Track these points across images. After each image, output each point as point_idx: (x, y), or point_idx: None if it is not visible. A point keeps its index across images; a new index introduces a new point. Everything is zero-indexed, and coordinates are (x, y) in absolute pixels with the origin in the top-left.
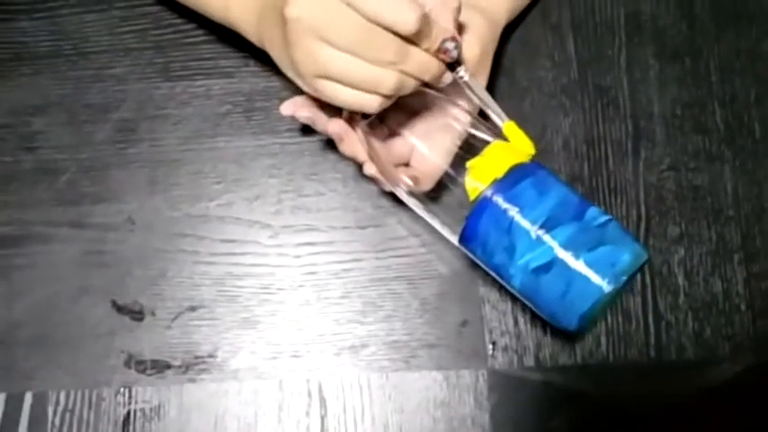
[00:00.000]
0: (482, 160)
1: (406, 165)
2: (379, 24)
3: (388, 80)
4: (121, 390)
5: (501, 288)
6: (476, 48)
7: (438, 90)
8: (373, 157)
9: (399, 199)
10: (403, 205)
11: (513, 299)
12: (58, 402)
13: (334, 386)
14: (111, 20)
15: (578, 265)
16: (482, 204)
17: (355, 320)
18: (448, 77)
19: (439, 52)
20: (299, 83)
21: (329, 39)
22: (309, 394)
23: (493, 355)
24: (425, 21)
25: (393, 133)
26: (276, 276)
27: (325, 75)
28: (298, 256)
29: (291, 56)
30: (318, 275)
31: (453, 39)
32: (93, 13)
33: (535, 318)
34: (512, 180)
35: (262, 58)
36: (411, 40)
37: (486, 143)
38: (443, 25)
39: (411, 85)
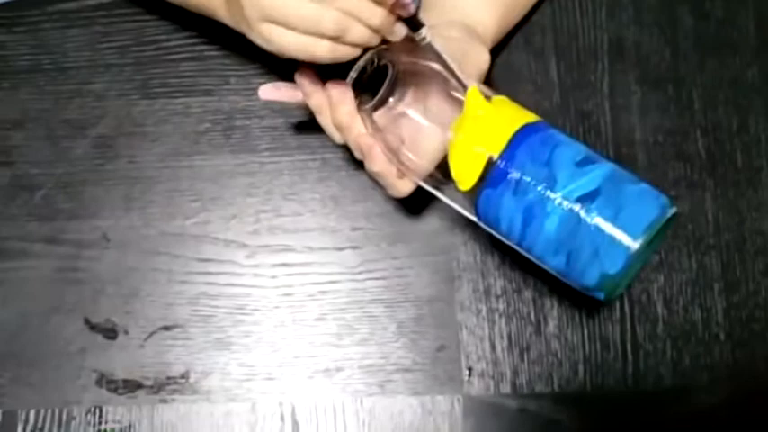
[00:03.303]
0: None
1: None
2: None
3: (328, 18)
4: (92, 409)
5: (479, 313)
6: (485, 54)
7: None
8: (376, 137)
9: (377, 221)
10: (380, 228)
11: (492, 324)
12: (27, 421)
13: (308, 410)
14: (92, 35)
15: (625, 192)
16: (517, 139)
17: (330, 343)
18: (400, 30)
19: (396, 7)
20: (257, 39)
21: None
22: (282, 417)
23: (469, 381)
24: None
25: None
26: (251, 297)
27: (268, 17)
28: (274, 277)
29: (240, 2)
30: (294, 297)
31: None
32: (75, 28)
33: (512, 344)
34: (542, 125)
35: (242, 76)
36: None
37: None
38: None
39: (358, 31)
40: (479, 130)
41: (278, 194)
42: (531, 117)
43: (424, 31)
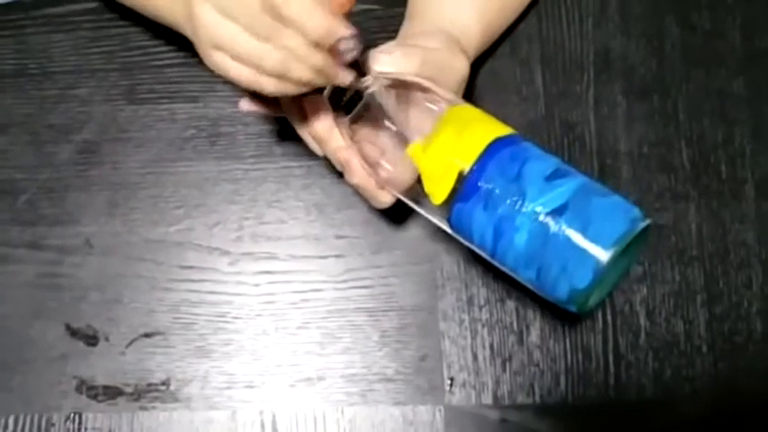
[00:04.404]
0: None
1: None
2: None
3: (270, 57)
4: (72, 415)
5: (462, 322)
6: (464, 64)
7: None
8: (356, 148)
9: (361, 229)
10: (364, 236)
11: (474, 333)
12: (6, 427)
13: (289, 418)
14: (78, 40)
15: (594, 207)
16: (488, 154)
17: (313, 352)
18: (345, 76)
19: (333, 52)
20: (208, 64)
21: (214, 1)
22: (263, 426)
23: (451, 391)
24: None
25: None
26: (233, 305)
27: (218, 46)
28: (256, 285)
29: (193, 27)
30: (277, 305)
31: (351, 38)
32: (61, 32)
33: (495, 354)
34: (514, 139)
35: (228, 83)
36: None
37: None
38: (339, 25)
39: (300, 70)
40: (451, 144)
41: (262, 202)
42: (503, 130)
43: (368, 80)
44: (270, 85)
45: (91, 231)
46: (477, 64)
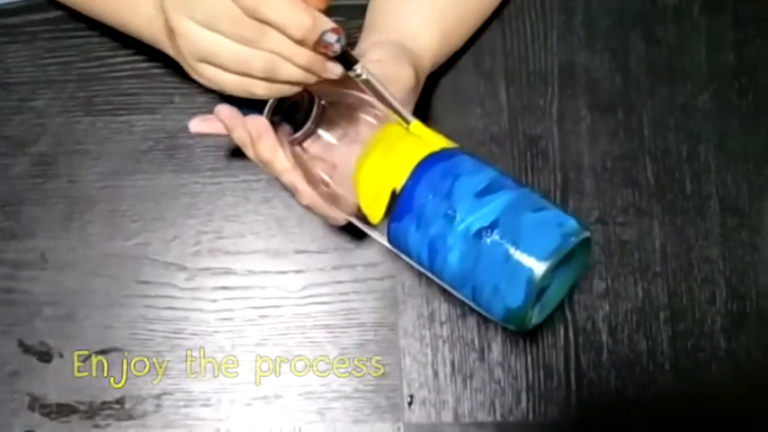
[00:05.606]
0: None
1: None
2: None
3: (256, 59)
4: None
5: (422, 339)
6: (409, 72)
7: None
8: (297, 164)
9: (322, 244)
10: (325, 251)
11: (435, 350)
12: None
13: None
14: (35, 51)
15: (525, 223)
16: (419, 172)
17: (270, 369)
18: (334, 68)
19: (319, 46)
20: (196, 77)
21: (192, 14)
22: None
23: (410, 409)
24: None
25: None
26: (190, 321)
27: (204, 58)
28: (214, 301)
29: (175, 42)
30: (234, 321)
31: (334, 31)
32: (18, 43)
33: (455, 371)
34: (447, 154)
35: (186, 94)
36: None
37: None
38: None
39: (289, 70)
40: (383, 161)
41: (220, 216)
42: (437, 145)
43: (358, 68)
44: (260, 89)
45: (46, 246)
46: (440, 77)
